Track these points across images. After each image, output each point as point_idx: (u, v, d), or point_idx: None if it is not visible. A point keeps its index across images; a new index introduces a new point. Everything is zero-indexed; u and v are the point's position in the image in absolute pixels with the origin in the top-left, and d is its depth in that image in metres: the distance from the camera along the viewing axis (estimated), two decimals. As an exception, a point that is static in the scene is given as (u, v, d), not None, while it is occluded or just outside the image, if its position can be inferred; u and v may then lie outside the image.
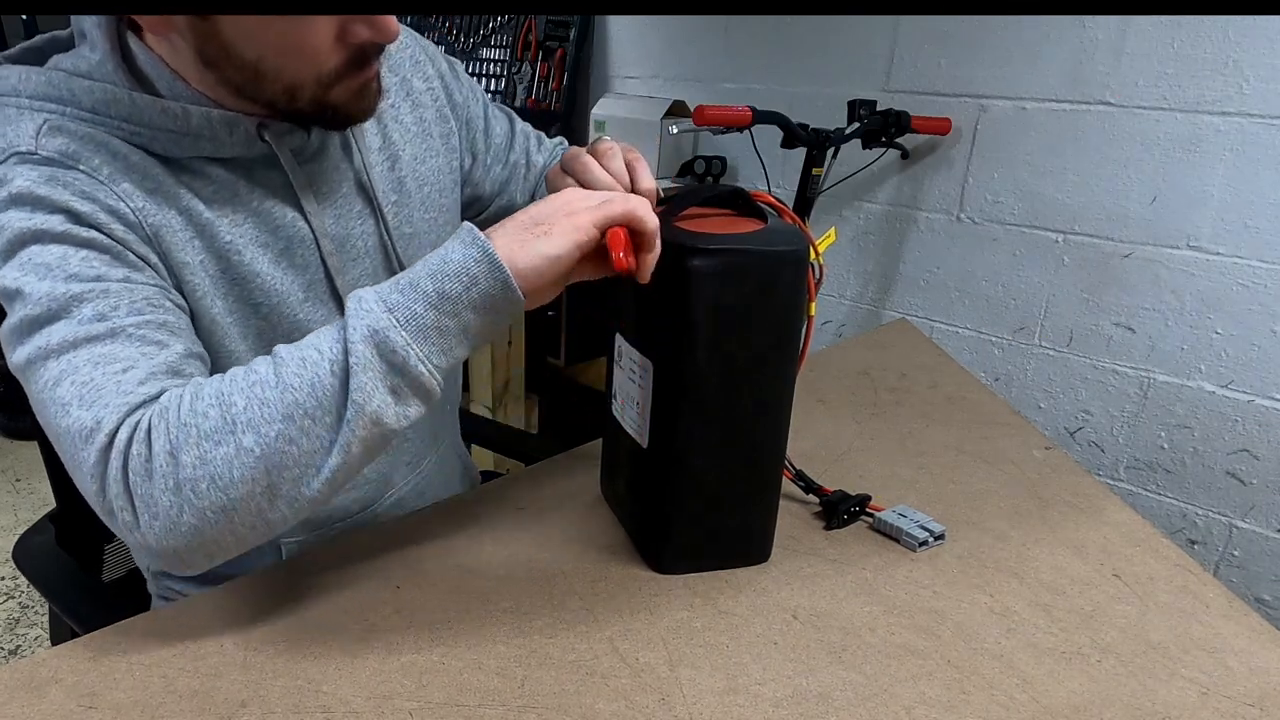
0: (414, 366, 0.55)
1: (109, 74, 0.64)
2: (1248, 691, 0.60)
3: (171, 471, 0.54)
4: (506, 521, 0.77)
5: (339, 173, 0.76)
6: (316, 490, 0.56)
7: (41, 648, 1.37)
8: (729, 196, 0.70)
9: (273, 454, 0.54)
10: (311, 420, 0.54)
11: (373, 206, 0.78)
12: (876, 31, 1.81)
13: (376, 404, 0.54)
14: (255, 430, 0.54)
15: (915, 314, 1.90)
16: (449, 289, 0.55)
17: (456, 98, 0.88)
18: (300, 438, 0.54)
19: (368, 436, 0.55)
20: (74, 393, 0.56)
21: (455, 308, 0.55)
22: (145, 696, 0.55)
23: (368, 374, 0.54)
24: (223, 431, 0.54)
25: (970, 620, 0.66)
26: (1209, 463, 1.57)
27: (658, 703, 0.56)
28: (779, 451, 0.70)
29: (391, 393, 0.55)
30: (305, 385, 0.54)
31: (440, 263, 0.55)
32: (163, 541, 0.55)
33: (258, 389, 0.55)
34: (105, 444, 0.55)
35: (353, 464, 0.56)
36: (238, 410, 0.54)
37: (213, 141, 0.66)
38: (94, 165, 0.63)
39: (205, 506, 0.54)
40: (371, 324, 0.54)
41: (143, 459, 0.54)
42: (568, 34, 2.31)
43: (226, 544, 0.57)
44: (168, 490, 0.54)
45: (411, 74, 0.84)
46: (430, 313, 0.55)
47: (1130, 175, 1.55)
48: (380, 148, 0.80)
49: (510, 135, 0.95)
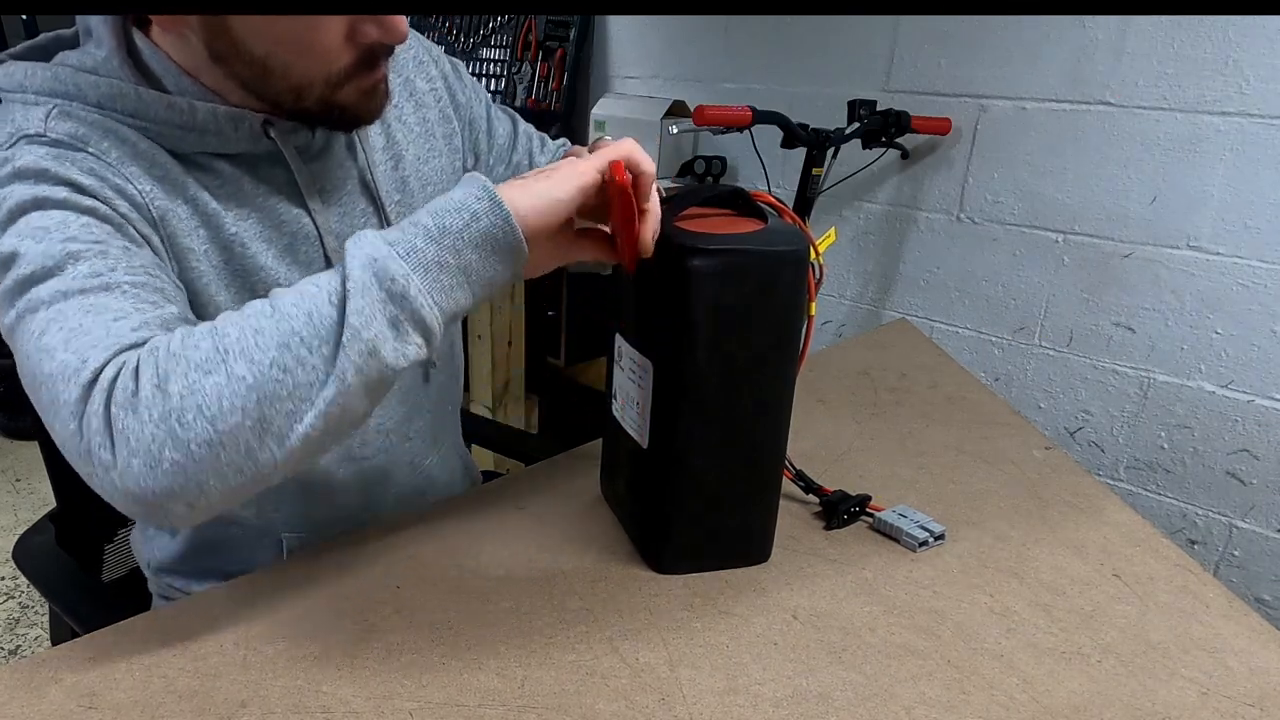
0: (414, 297, 0.53)
1: (115, 70, 0.64)
2: (1248, 691, 0.60)
3: (158, 403, 0.51)
4: (506, 521, 0.77)
5: (343, 171, 0.76)
6: (308, 428, 0.52)
7: (41, 648, 1.37)
8: (729, 196, 0.70)
9: (266, 383, 0.51)
10: (308, 349, 0.52)
11: (376, 206, 0.78)
12: (876, 31, 1.80)
13: (374, 331, 0.52)
14: (248, 358, 0.51)
15: (915, 314, 1.90)
16: (449, 224, 0.54)
17: (459, 98, 0.88)
18: (295, 367, 0.51)
19: (364, 367, 0.52)
20: (61, 338, 0.54)
21: (456, 244, 0.54)
22: (145, 696, 0.55)
23: (365, 298, 0.52)
24: (214, 360, 0.51)
25: (970, 620, 0.66)
26: (1209, 463, 1.57)
27: (658, 703, 0.56)
28: (779, 451, 0.70)
29: (390, 324, 0.53)
30: (302, 314, 0.52)
31: (443, 201, 0.55)
32: (141, 481, 0.51)
33: (252, 319, 0.53)
34: (89, 380, 0.52)
35: (348, 403, 0.53)
36: (230, 340, 0.52)
37: (218, 137, 0.66)
38: (102, 148, 0.63)
39: (191, 439, 0.51)
40: (370, 253, 0.53)
41: (128, 392, 0.51)
42: (568, 34, 2.30)
43: (209, 489, 0.53)
44: (151, 422, 0.51)
45: (415, 74, 0.84)
46: (430, 247, 0.53)
47: (1130, 175, 1.55)
48: (384, 147, 0.80)
49: (513, 136, 0.95)
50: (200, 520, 0.56)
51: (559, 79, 2.33)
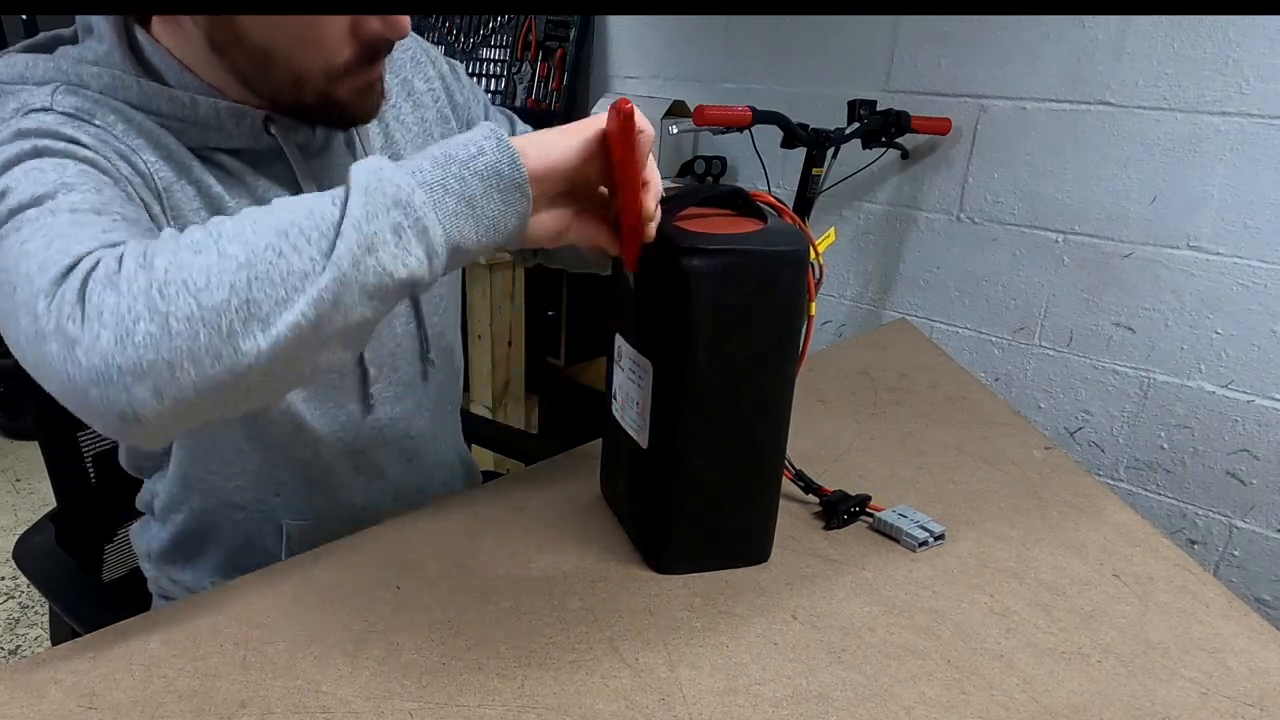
0: (418, 205, 0.51)
1: (116, 63, 0.65)
2: (1248, 691, 0.60)
3: (140, 277, 0.48)
4: (506, 521, 0.77)
5: (343, 168, 0.76)
6: (299, 316, 0.49)
7: (41, 648, 1.37)
8: (729, 196, 0.70)
9: (258, 263, 0.48)
10: (305, 239, 0.49)
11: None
12: (876, 31, 1.81)
13: (374, 228, 0.49)
14: (242, 240, 0.49)
15: (915, 314, 1.90)
16: (454, 153, 0.53)
17: (458, 99, 0.89)
18: (291, 253, 0.49)
19: (361, 263, 0.49)
20: (44, 241, 0.51)
21: (461, 171, 0.52)
22: (145, 696, 0.55)
23: (368, 197, 0.50)
24: (206, 243, 0.49)
25: (970, 620, 0.66)
26: (1209, 463, 1.57)
27: (658, 703, 0.56)
28: (779, 451, 0.70)
29: (392, 229, 0.50)
30: (303, 208, 0.50)
31: (449, 139, 0.54)
32: (108, 356, 0.47)
33: (250, 214, 0.51)
34: (69, 265, 0.49)
35: (341, 297, 0.49)
36: (225, 227, 0.50)
37: (220, 132, 0.67)
38: (108, 121, 0.63)
39: (171, 312, 0.47)
40: (375, 164, 0.51)
41: (109, 270, 0.48)
42: (568, 34, 2.31)
43: (182, 374, 0.48)
44: (129, 295, 0.47)
45: (413, 74, 0.84)
46: (436, 170, 0.52)
47: (1130, 175, 1.55)
48: (383, 146, 0.80)
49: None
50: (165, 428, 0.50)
51: (559, 79, 2.33)
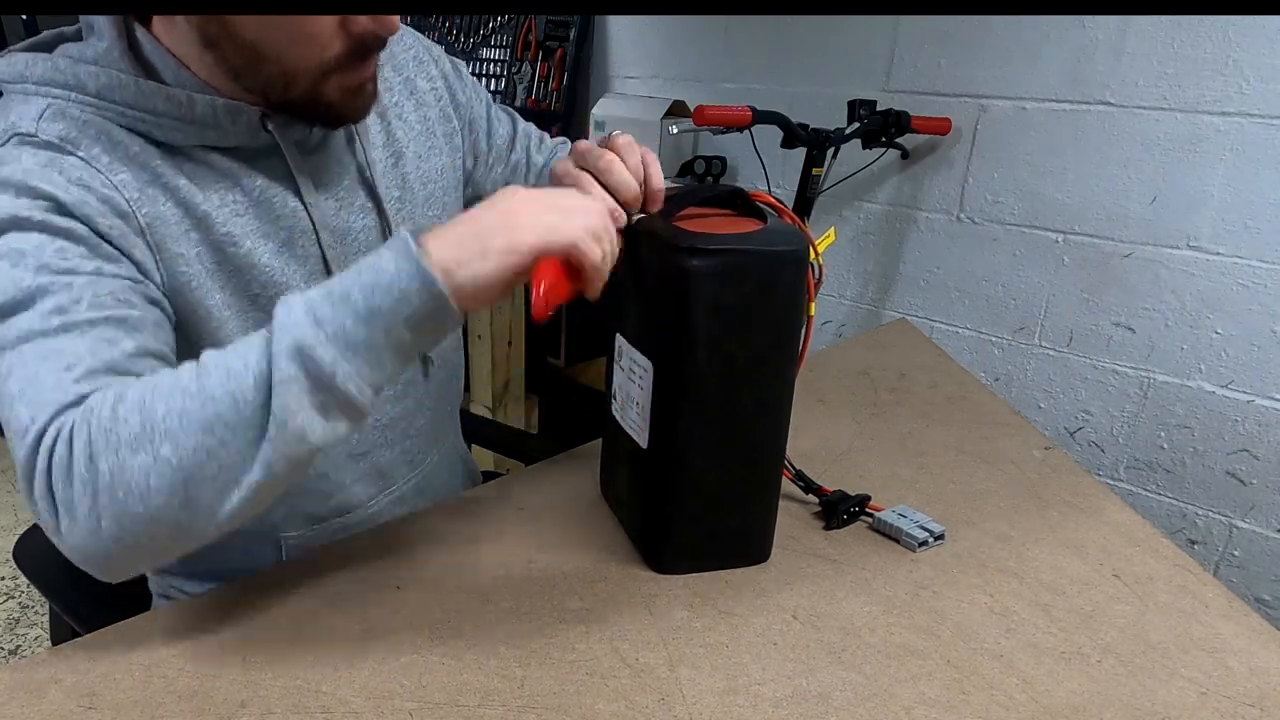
0: (341, 384, 0.53)
1: (115, 61, 0.64)
2: (1247, 692, 0.60)
3: (90, 477, 0.53)
4: (506, 521, 0.77)
5: (341, 166, 0.76)
6: (237, 504, 0.54)
7: (41, 648, 1.37)
8: (728, 196, 0.70)
9: (190, 466, 0.52)
10: (231, 433, 0.52)
11: (375, 201, 0.78)
12: (876, 31, 1.80)
13: (301, 420, 0.52)
14: (173, 440, 0.52)
15: (915, 314, 1.90)
16: (381, 304, 0.53)
17: (460, 98, 0.88)
18: (219, 450, 0.53)
19: (291, 453, 0.53)
20: (19, 387, 0.56)
21: (388, 323, 0.53)
22: (145, 696, 0.55)
23: (292, 390, 0.52)
24: (141, 439, 0.53)
25: (970, 620, 0.66)
26: (1209, 463, 1.57)
27: (657, 703, 0.56)
28: (779, 451, 0.70)
29: (319, 410, 0.53)
30: (227, 397, 0.53)
31: (373, 275, 0.53)
32: (84, 546, 0.54)
33: (178, 398, 0.53)
34: (34, 444, 0.54)
35: (277, 479, 0.54)
36: (157, 419, 0.53)
37: (216, 130, 0.67)
38: (93, 153, 0.63)
39: (122, 514, 0.53)
40: (298, 338, 0.52)
41: (64, 462, 0.53)
42: (568, 34, 2.31)
43: (148, 552, 0.56)
44: (85, 495, 0.53)
45: (415, 73, 0.84)
46: (360, 329, 0.52)
47: (1130, 175, 1.55)
48: (384, 144, 0.80)
49: (512, 135, 0.96)
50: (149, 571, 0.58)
51: (559, 79, 2.33)
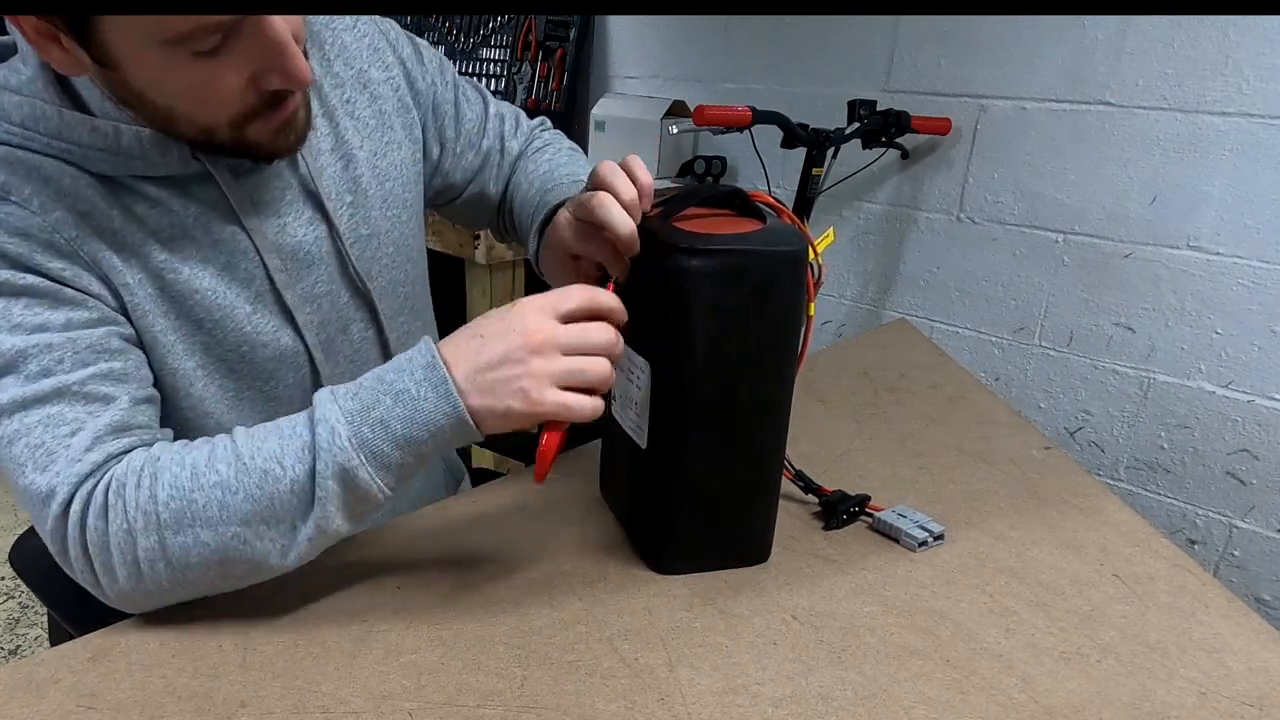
0: (375, 495, 0.60)
1: (39, 91, 0.62)
2: (1247, 692, 0.60)
3: (129, 549, 0.59)
4: (506, 521, 0.77)
5: (281, 181, 0.73)
6: (270, 575, 0.63)
7: (41, 648, 1.37)
8: (728, 197, 0.70)
9: (228, 550, 0.59)
10: (268, 527, 0.59)
11: (323, 212, 0.75)
12: (876, 31, 1.81)
13: (336, 525, 0.60)
14: (213, 528, 0.59)
15: (915, 314, 1.90)
16: (416, 436, 0.60)
17: (419, 85, 0.85)
18: (255, 540, 0.60)
19: (322, 545, 0.62)
20: (28, 454, 0.60)
21: (419, 450, 0.60)
22: (144, 697, 0.55)
23: (333, 504, 0.59)
24: (182, 524, 0.59)
25: (970, 620, 0.66)
26: (1209, 463, 1.57)
27: (657, 703, 0.56)
28: (778, 451, 0.70)
29: (350, 515, 0.61)
30: (265, 498, 0.59)
31: (411, 408, 0.59)
32: (126, 600, 0.61)
33: (217, 492, 0.59)
34: (60, 513, 0.59)
35: (306, 559, 0.62)
36: (197, 508, 0.59)
37: (144, 160, 0.64)
38: (24, 195, 0.61)
39: (162, 580, 0.60)
40: (343, 463, 0.58)
41: (100, 533, 0.59)
42: (568, 34, 2.31)
43: (187, 597, 0.63)
44: (125, 564, 0.59)
45: (369, 64, 0.80)
46: (396, 453, 0.60)
47: (1130, 175, 1.55)
48: (332, 148, 0.77)
49: (483, 119, 0.91)
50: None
51: (559, 79, 2.33)
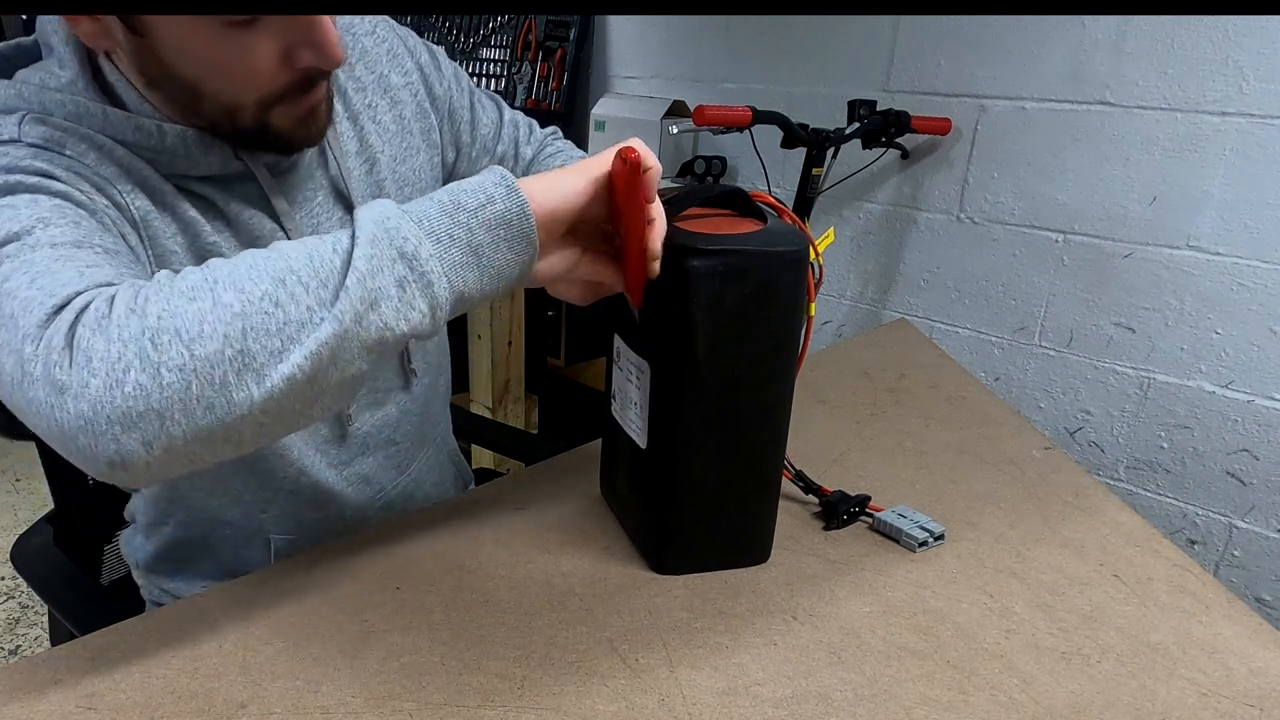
0: (425, 260, 0.51)
1: (81, 90, 0.63)
2: (1247, 692, 0.60)
3: (131, 323, 0.47)
4: (506, 521, 0.77)
5: (314, 181, 0.75)
6: (294, 368, 0.48)
7: (41, 648, 1.37)
8: (728, 196, 0.70)
9: (253, 313, 0.47)
10: (304, 288, 0.48)
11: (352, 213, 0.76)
12: (876, 31, 1.81)
13: (379, 283, 0.49)
14: (238, 288, 0.48)
15: (915, 314, 1.90)
16: (464, 201, 0.53)
17: (437, 91, 0.86)
18: (289, 302, 0.48)
19: (363, 319, 0.49)
20: (27, 279, 0.50)
21: (470, 221, 0.52)
22: (145, 697, 0.55)
23: (374, 248, 0.49)
24: (200, 289, 0.48)
25: (970, 620, 0.66)
26: (1209, 463, 1.57)
27: (657, 703, 0.56)
28: (779, 452, 0.70)
29: (397, 283, 0.50)
30: (303, 255, 0.50)
31: (458, 183, 0.54)
32: (97, 405, 0.46)
33: (248, 257, 0.50)
34: (57, 305, 0.48)
35: (340, 350, 0.49)
36: (221, 273, 0.49)
37: (188, 159, 0.65)
38: (79, 150, 0.61)
39: (163, 362, 0.46)
40: (383, 212, 0.51)
41: (99, 314, 0.48)
42: (568, 34, 2.31)
43: (172, 425, 0.47)
44: (120, 341, 0.46)
45: (389, 70, 0.82)
46: (444, 219, 0.52)
47: (1130, 175, 1.55)
48: (358, 151, 0.78)
49: (498, 125, 0.93)
50: (153, 472, 0.49)
51: (559, 79, 2.33)
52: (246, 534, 0.81)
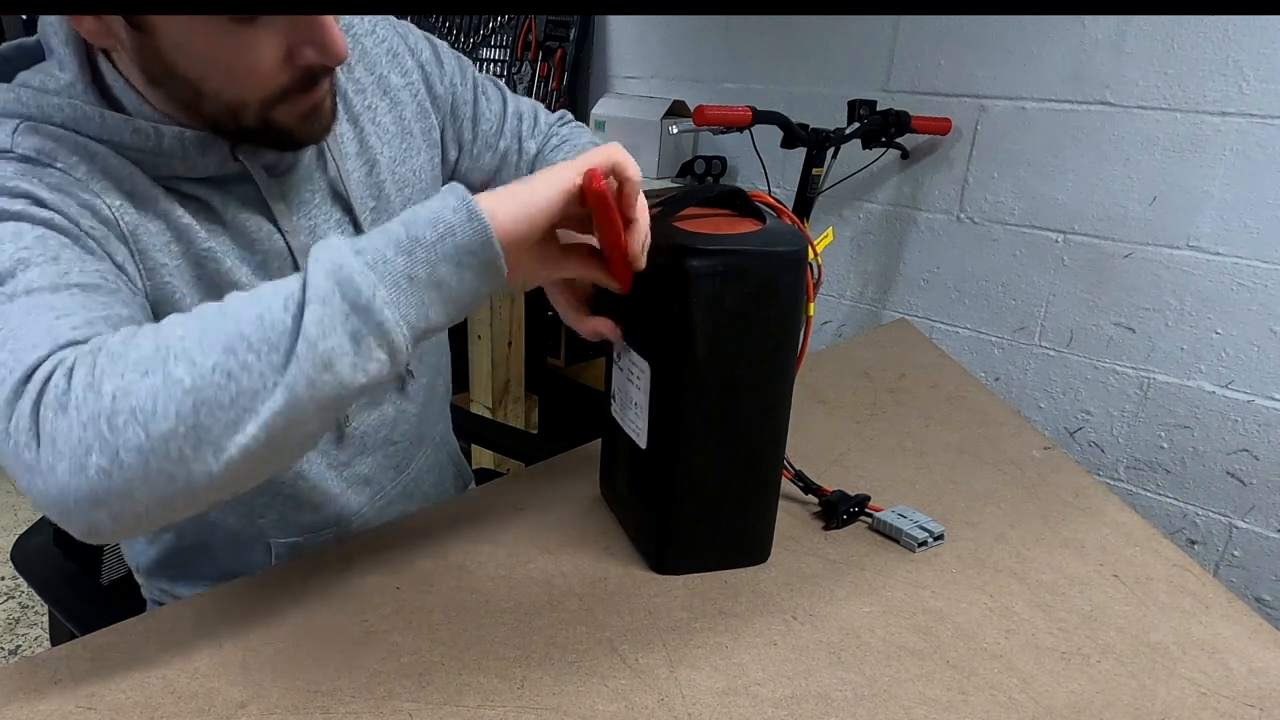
0: (379, 309, 0.49)
1: (80, 94, 0.63)
2: (1247, 692, 0.60)
3: (88, 403, 0.48)
4: (506, 521, 0.77)
5: (313, 183, 0.74)
6: (249, 438, 0.48)
7: (41, 648, 1.37)
8: (727, 197, 0.70)
9: (205, 387, 0.47)
10: (255, 355, 0.48)
11: (350, 215, 0.77)
12: (876, 31, 1.80)
13: (332, 344, 0.48)
14: (189, 360, 0.48)
15: (915, 314, 1.90)
16: (422, 235, 0.50)
17: (438, 89, 0.85)
18: (240, 373, 0.48)
19: (317, 382, 0.48)
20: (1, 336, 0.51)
21: (429, 256, 0.50)
22: (145, 697, 0.55)
23: (325, 308, 0.48)
24: (153, 361, 0.48)
25: (970, 620, 0.66)
26: (1209, 463, 1.57)
27: (657, 703, 0.56)
28: (778, 452, 0.70)
29: (351, 338, 0.49)
30: (253, 317, 0.49)
31: (416, 211, 0.52)
32: (65, 487, 0.48)
33: (199, 320, 0.50)
34: (23, 377, 0.49)
35: (295, 417, 0.49)
36: (174, 339, 0.49)
37: (185, 161, 0.65)
38: (71, 163, 0.61)
39: (120, 444, 0.47)
40: (335, 259, 0.49)
41: (59, 391, 0.48)
42: (568, 34, 2.31)
43: (136, 499, 0.49)
44: (79, 424, 0.47)
45: (389, 70, 0.81)
46: (401, 258, 0.50)
47: (1130, 175, 1.55)
48: (357, 153, 0.78)
49: (500, 119, 0.91)
50: (127, 535, 0.52)
51: (559, 79, 2.33)
52: (247, 539, 0.80)
